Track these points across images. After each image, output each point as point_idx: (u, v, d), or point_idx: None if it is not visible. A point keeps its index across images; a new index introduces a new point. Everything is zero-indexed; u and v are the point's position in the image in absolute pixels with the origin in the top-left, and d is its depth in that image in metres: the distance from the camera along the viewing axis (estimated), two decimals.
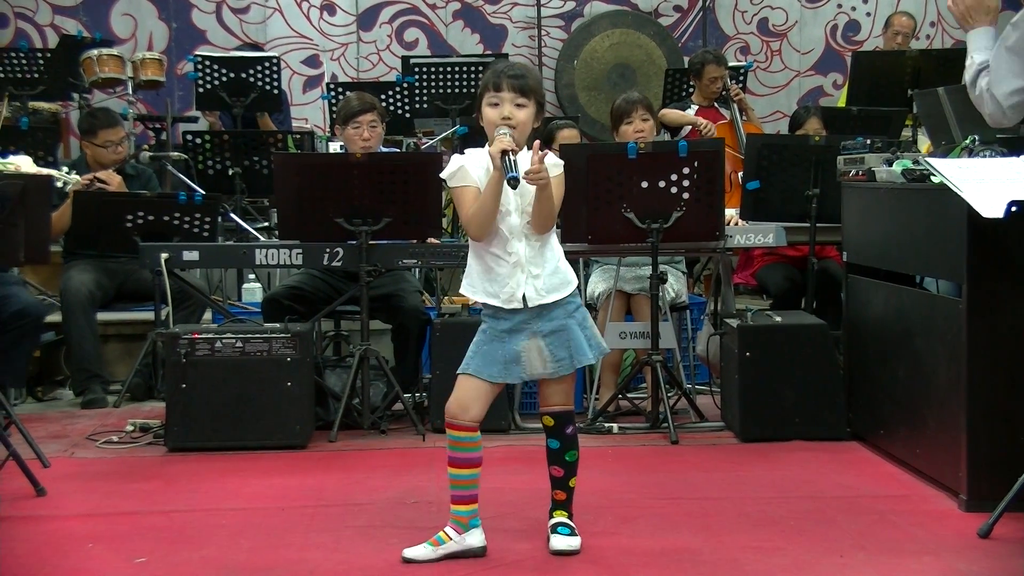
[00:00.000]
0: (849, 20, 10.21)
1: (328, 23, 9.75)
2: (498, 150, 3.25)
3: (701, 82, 7.34)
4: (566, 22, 9.94)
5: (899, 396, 4.38)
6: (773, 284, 6.12)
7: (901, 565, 3.36)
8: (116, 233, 5.69)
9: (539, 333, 3.39)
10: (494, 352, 3.40)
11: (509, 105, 3.36)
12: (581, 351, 3.43)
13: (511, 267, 3.37)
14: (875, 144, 4.75)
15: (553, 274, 3.41)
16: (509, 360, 3.39)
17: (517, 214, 3.37)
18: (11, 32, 9.40)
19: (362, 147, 5.35)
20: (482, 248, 3.41)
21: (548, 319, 3.40)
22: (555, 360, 3.40)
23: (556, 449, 3.48)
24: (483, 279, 3.42)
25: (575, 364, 3.43)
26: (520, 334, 3.39)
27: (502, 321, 3.40)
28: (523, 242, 3.37)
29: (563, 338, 3.41)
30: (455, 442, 3.40)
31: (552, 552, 3.43)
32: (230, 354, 4.78)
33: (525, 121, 3.38)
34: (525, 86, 3.37)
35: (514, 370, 3.40)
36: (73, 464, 4.63)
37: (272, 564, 3.40)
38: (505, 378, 3.41)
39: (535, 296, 3.37)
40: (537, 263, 3.38)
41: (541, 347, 3.40)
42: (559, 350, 3.40)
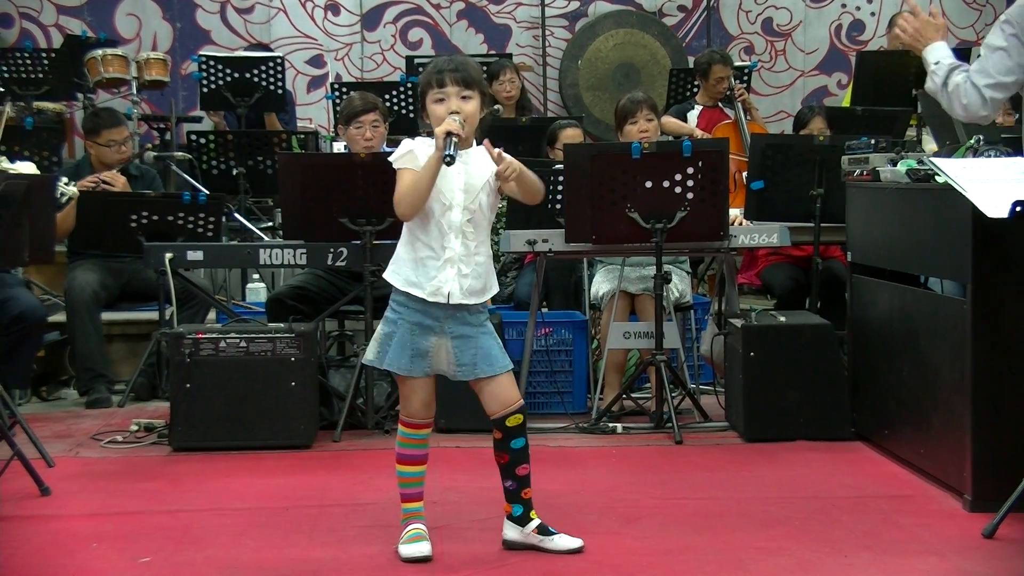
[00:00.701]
0: (853, 20, 10.20)
1: (332, 23, 9.75)
2: (444, 130, 3.27)
3: (707, 82, 7.33)
4: (570, 22, 9.94)
5: (904, 396, 4.37)
6: (777, 284, 6.11)
7: (906, 565, 3.35)
8: (120, 233, 5.69)
9: (449, 334, 3.40)
10: (404, 343, 3.39)
11: (455, 99, 3.37)
12: (489, 359, 3.41)
13: (443, 262, 3.37)
14: (879, 144, 4.75)
15: (479, 278, 3.41)
16: (416, 354, 3.39)
17: (459, 210, 3.37)
18: (16, 32, 9.41)
19: (364, 147, 5.35)
20: (416, 238, 3.41)
21: (461, 323, 3.40)
22: (458, 364, 3.40)
23: (523, 447, 3.44)
24: (410, 268, 3.41)
25: (478, 372, 3.40)
26: (430, 331, 3.39)
27: (414, 312, 3.39)
28: (459, 239, 3.38)
29: (471, 344, 3.40)
30: (400, 438, 3.48)
31: (563, 552, 3.42)
32: (234, 354, 4.78)
33: (473, 113, 3.39)
34: (468, 78, 3.39)
35: (420, 364, 3.40)
36: (77, 464, 4.64)
37: (276, 564, 3.40)
38: (411, 371, 3.40)
39: (459, 294, 3.37)
40: (468, 262, 3.38)
41: (448, 348, 3.40)
42: (464, 355, 3.40)
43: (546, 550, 3.44)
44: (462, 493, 4.03)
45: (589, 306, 5.68)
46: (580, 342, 5.47)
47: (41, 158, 6.37)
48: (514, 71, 7.75)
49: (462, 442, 4.67)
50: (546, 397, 5.42)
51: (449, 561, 3.40)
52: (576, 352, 5.46)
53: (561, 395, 5.38)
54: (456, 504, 3.93)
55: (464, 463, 4.43)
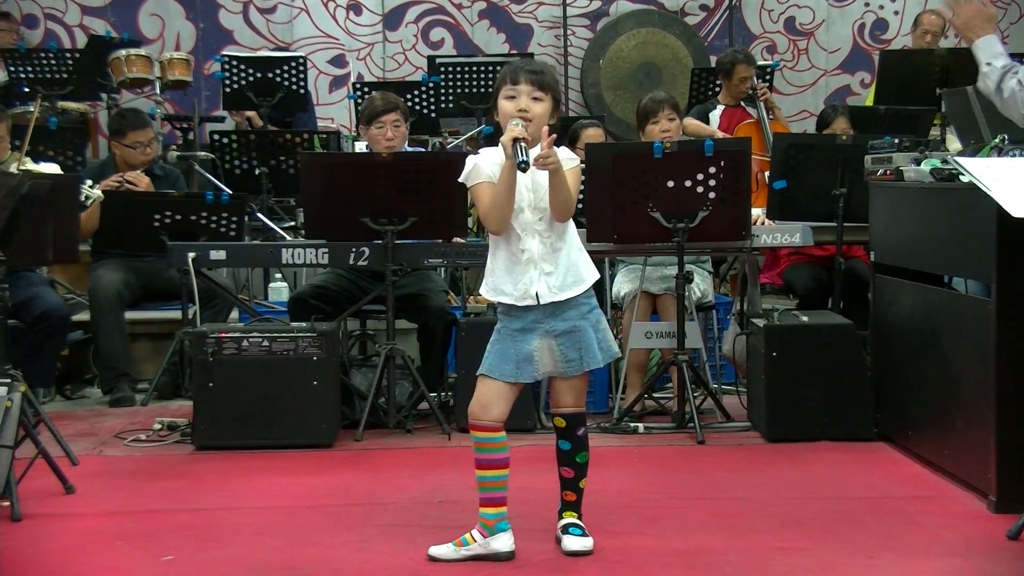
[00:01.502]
0: (877, 19, 10.16)
1: (354, 23, 9.78)
2: (510, 138, 3.25)
3: (730, 82, 7.31)
4: (592, 21, 9.93)
5: (927, 396, 4.35)
6: (800, 284, 6.09)
7: (929, 567, 3.33)
8: (144, 232, 5.72)
9: (551, 333, 3.38)
10: (507, 351, 3.39)
11: (526, 98, 3.36)
12: (591, 353, 3.40)
13: (524, 264, 3.36)
14: (903, 143, 4.73)
15: (567, 271, 3.39)
16: (521, 359, 3.38)
17: (529, 210, 3.36)
18: (41, 33, 9.47)
19: (385, 147, 5.36)
20: (497, 246, 3.41)
21: (561, 319, 3.38)
22: (566, 360, 3.39)
23: (567, 451, 3.47)
24: (498, 277, 3.41)
25: (584, 366, 3.41)
26: (532, 333, 3.38)
27: (515, 320, 3.40)
28: (535, 239, 3.36)
29: (575, 339, 3.39)
30: (479, 443, 3.41)
31: (566, 553, 3.42)
32: (257, 353, 4.80)
33: (541, 115, 3.37)
34: (543, 81, 3.38)
35: (526, 369, 3.39)
36: (101, 462, 4.67)
37: (298, 563, 3.41)
38: (518, 377, 3.39)
39: (547, 293, 3.36)
40: (550, 260, 3.37)
41: (553, 347, 3.39)
42: (570, 351, 3.39)
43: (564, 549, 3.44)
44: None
45: (611, 306, 5.68)
46: None
47: (65, 158, 6.41)
48: None
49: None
50: None
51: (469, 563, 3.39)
52: None
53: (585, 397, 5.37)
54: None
55: None
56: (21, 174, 4.54)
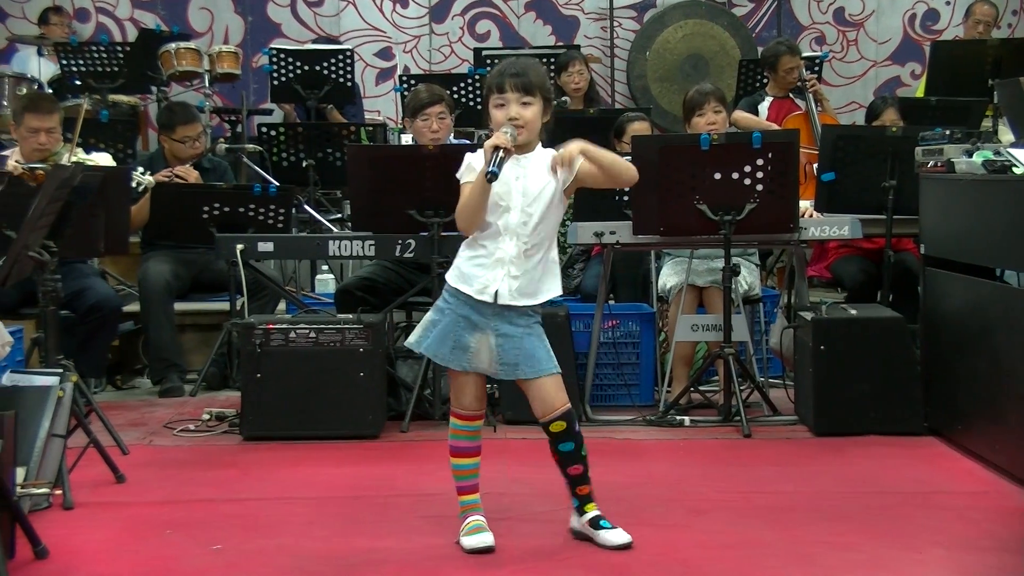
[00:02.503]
0: (928, 9, 10.03)
1: (401, 15, 9.80)
2: (490, 145, 3.24)
3: (776, 74, 7.25)
4: (638, 13, 9.89)
5: (978, 390, 4.30)
6: (848, 277, 6.04)
7: (979, 562, 3.30)
8: (193, 224, 5.77)
9: (495, 331, 3.38)
10: (447, 333, 3.39)
11: (515, 105, 3.35)
12: (533, 361, 3.37)
13: (493, 261, 3.36)
14: (954, 135, 4.67)
15: (532, 281, 3.38)
16: (457, 346, 3.39)
17: (517, 212, 3.35)
18: (92, 26, 9.57)
19: (431, 139, 5.37)
20: (476, 237, 3.41)
21: (507, 321, 3.38)
22: (500, 362, 3.38)
23: (572, 450, 3.42)
24: (464, 265, 3.41)
25: (519, 373, 3.37)
26: (476, 326, 3.38)
27: (464, 306, 3.39)
28: (513, 241, 3.35)
29: (515, 344, 3.37)
30: (451, 429, 3.48)
31: (609, 547, 3.39)
32: (304, 344, 4.83)
33: (532, 119, 3.36)
34: (528, 83, 3.36)
35: (460, 357, 3.39)
36: (151, 452, 4.72)
37: (344, 553, 3.43)
38: (449, 362, 3.40)
39: (507, 295, 3.35)
40: (520, 265, 3.36)
41: (492, 346, 3.38)
42: (508, 354, 3.38)
43: (595, 543, 3.43)
44: (527, 485, 4.03)
45: (657, 298, 5.66)
46: (647, 335, 5.45)
47: (116, 151, 6.48)
48: (582, 63, 7.73)
49: (528, 434, 4.66)
50: (613, 390, 5.42)
51: (513, 552, 3.40)
52: (643, 345, 5.44)
53: (628, 388, 5.38)
54: (521, 496, 3.93)
55: (530, 455, 4.41)
56: (74, 166, 4.59)
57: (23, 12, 9.46)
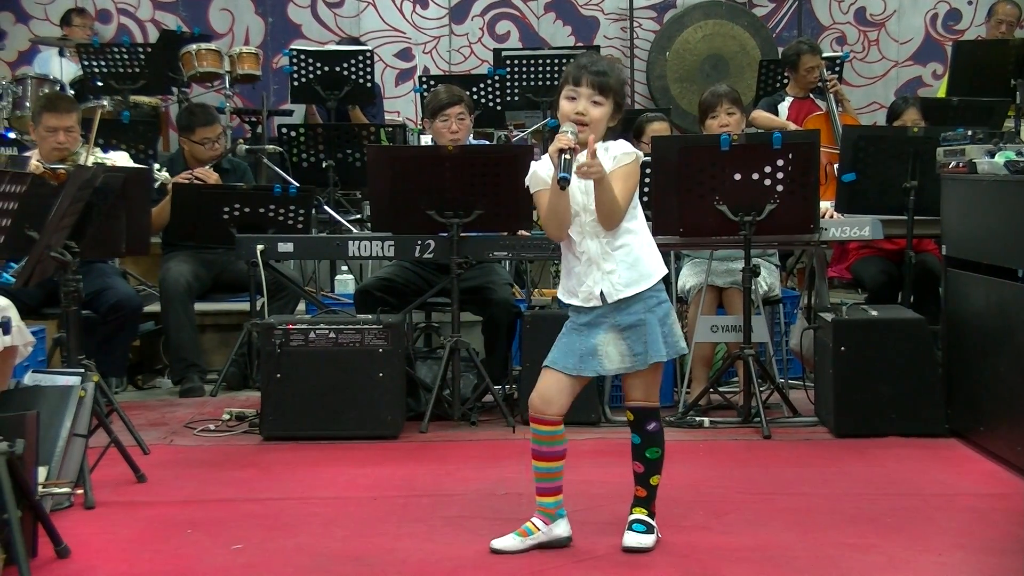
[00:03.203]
0: (950, 9, 9.98)
1: (421, 16, 9.81)
2: (555, 148, 3.20)
3: (797, 73, 7.22)
4: (658, 13, 9.88)
5: (1000, 392, 4.28)
6: (869, 278, 6.02)
7: (1001, 565, 3.28)
8: (213, 225, 5.79)
9: (617, 327, 3.36)
10: (572, 344, 3.38)
11: (585, 101, 3.31)
12: (655, 347, 3.36)
13: (585, 265, 3.36)
14: (976, 135, 4.64)
15: (631, 268, 3.36)
16: (585, 353, 3.37)
17: (584, 213, 3.34)
18: (114, 27, 9.62)
19: (450, 140, 5.37)
20: (564, 248, 3.42)
21: (627, 313, 3.36)
22: (632, 355, 3.37)
23: (637, 445, 3.45)
24: (566, 279, 3.44)
25: (648, 359, 3.37)
26: (598, 328, 3.37)
27: (581, 315, 3.40)
28: (594, 240, 3.35)
29: (641, 332, 3.36)
30: (539, 436, 3.40)
31: (623, 549, 3.40)
32: (323, 345, 4.84)
33: (599, 119, 3.32)
34: (605, 84, 3.31)
35: (590, 363, 3.37)
36: (172, 451, 4.74)
37: (364, 553, 3.44)
38: (581, 371, 3.37)
39: (612, 291, 3.34)
40: (610, 259, 3.35)
41: (619, 341, 3.37)
42: (636, 344, 3.36)
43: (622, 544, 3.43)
44: None
45: (676, 299, 5.65)
46: None
47: (137, 151, 6.50)
48: None
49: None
50: None
51: (533, 552, 3.39)
52: None
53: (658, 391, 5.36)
54: None
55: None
56: (95, 167, 4.61)
57: (45, 14, 9.51)
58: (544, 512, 3.42)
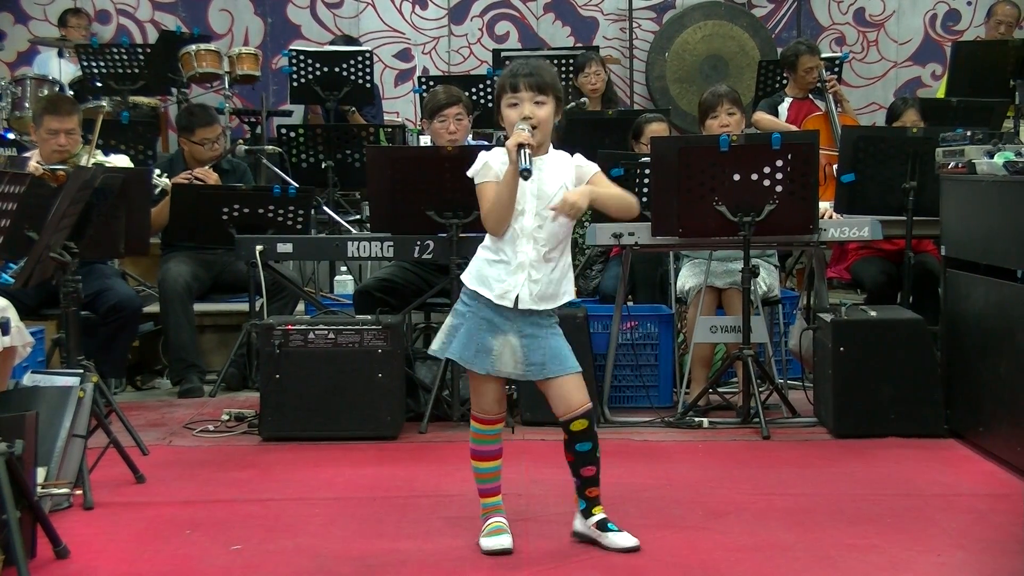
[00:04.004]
0: (949, 9, 9.98)
1: (420, 17, 9.81)
2: (514, 143, 3.25)
3: (796, 74, 7.22)
4: (658, 14, 9.88)
5: (1000, 393, 4.28)
6: (868, 278, 6.02)
7: (1001, 565, 3.28)
8: (212, 226, 5.79)
9: (519, 333, 3.37)
10: (471, 335, 3.38)
11: (528, 104, 3.35)
12: (559, 360, 3.37)
13: (514, 266, 3.35)
14: (975, 136, 4.65)
15: (552, 283, 3.38)
16: (480, 349, 3.37)
17: (531, 215, 3.35)
18: (113, 28, 9.62)
19: (448, 140, 5.38)
20: (492, 241, 3.40)
21: (531, 323, 3.38)
22: (527, 363, 3.37)
23: (588, 450, 3.43)
24: (484, 269, 3.40)
25: (546, 372, 3.37)
26: (498, 329, 3.37)
27: (486, 308, 3.38)
28: (531, 244, 3.35)
29: (541, 344, 3.37)
30: (472, 433, 3.48)
31: (616, 550, 3.39)
32: (323, 345, 4.84)
33: (545, 119, 3.36)
34: (542, 83, 3.36)
35: (483, 360, 3.37)
36: (171, 452, 4.73)
37: (364, 553, 3.44)
38: (473, 365, 3.38)
39: (527, 300, 3.35)
40: (540, 268, 3.35)
41: (516, 347, 3.37)
42: (534, 354, 3.37)
43: (602, 545, 3.42)
44: (546, 486, 4.03)
45: (675, 300, 5.65)
46: (666, 336, 5.45)
47: (136, 152, 6.51)
48: (600, 64, 7.71)
49: (546, 435, 4.67)
50: (631, 391, 5.41)
51: (532, 553, 3.40)
52: (662, 346, 5.43)
53: (647, 389, 5.37)
54: (539, 497, 3.94)
55: (548, 456, 4.42)
56: (95, 168, 4.61)
57: (44, 14, 9.51)
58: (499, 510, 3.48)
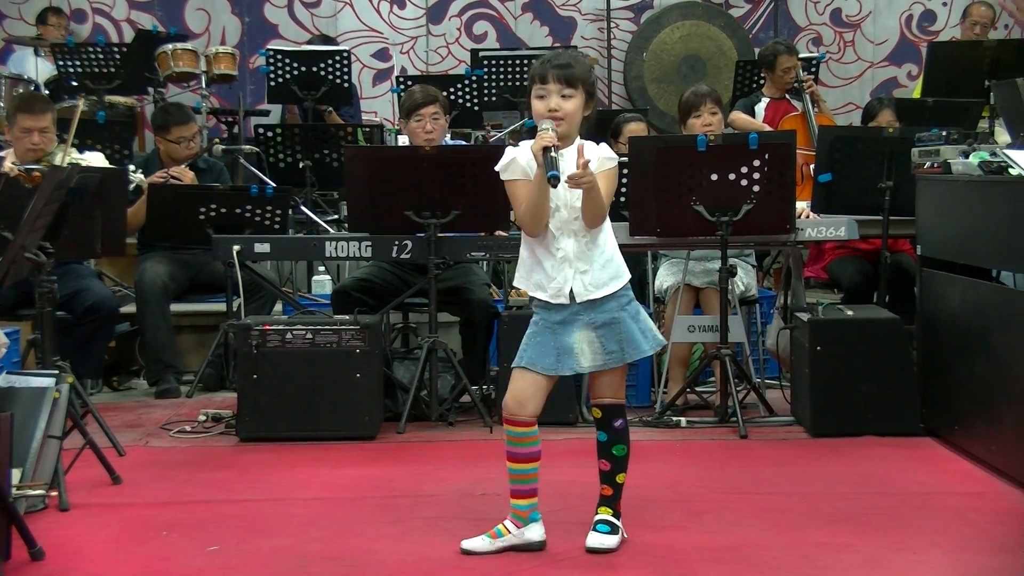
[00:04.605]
0: (925, 10, 10.04)
1: (398, 16, 9.80)
2: (539, 147, 3.21)
3: (774, 74, 7.25)
4: (635, 14, 9.89)
5: (975, 392, 4.30)
6: (845, 278, 6.04)
7: (977, 563, 3.30)
8: (189, 226, 5.76)
9: (591, 325, 3.36)
10: (547, 343, 3.37)
11: (556, 97, 3.32)
12: (634, 344, 3.38)
13: (559, 262, 3.35)
14: (951, 136, 4.67)
15: (603, 268, 3.37)
16: (562, 352, 3.36)
17: (566, 210, 3.34)
18: (89, 27, 9.57)
19: (425, 140, 5.37)
20: (533, 241, 3.39)
21: (600, 311, 3.37)
22: (606, 352, 3.37)
23: (604, 442, 3.45)
24: (533, 271, 3.40)
25: (626, 357, 3.38)
26: (572, 326, 3.36)
27: (554, 313, 3.38)
28: (571, 238, 3.34)
29: (615, 330, 3.37)
30: (514, 437, 3.38)
31: (586, 550, 3.39)
32: (300, 345, 4.82)
33: (573, 112, 3.32)
34: (571, 76, 3.32)
35: (567, 362, 3.36)
36: (148, 453, 4.71)
37: (342, 554, 3.43)
38: (558, 370, 3.37)
39: (583, 291, 3.34)
40: (585, 258, 3.35)
41: (593, 339, 3.36)
42: (610, 342, 3.36)
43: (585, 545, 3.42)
44: None
45: (653, 299, 5.66)
46: None
47: (113, 151, 6.47)
48: None
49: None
50: None
51: (509, 552, 3.39)
52: None
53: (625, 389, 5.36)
54: None
55: None
56: (70, 167, 4.58)
57: (20, 13, 9.45)
58: (517, 515, 3.41)
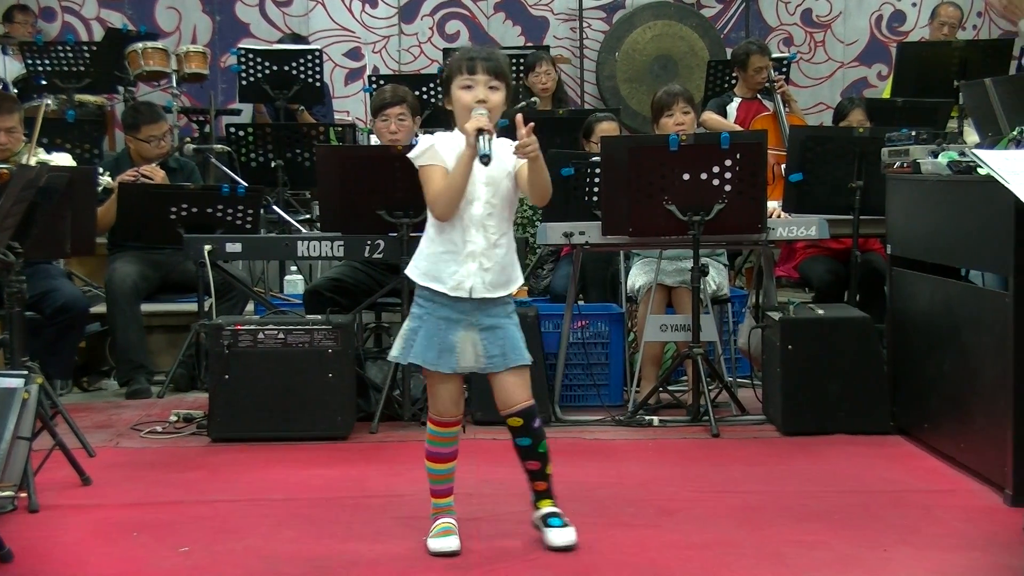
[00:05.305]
0: (895, 10, 10.11)
1: (370, 15, 9.78)
2: (474, 127, 3.24)
3: (746, 73, 7.28)
4: (608, 14, 9.92)
5: (945, 390, 4.33)
6: (816, 277, 6.08)
7: (946, 560, 3.33)
8: (160, 225, 5.73)
9: (476, 326, 3.37)
10: (431, 337, 3.37)
11: (483, 88, 3.35)
12: (516, 351, 3.39)
13: (465, 256, 3.35)
14: (920, 135, 4.70)
15: (503, 271, 3.38)
16: (443, 349, 3.37)
17: (480, 203, 3.34)
18: (58, 26, 9.50)
19: (390, 140, 5.38)
20: (437, 233, 3.39)
21: (487, 314, 3.38)
22: (488, 356, 3.37)
23: (528, 446, 3.44)
24: (432, 263, 3.39)
25: (508, 362, 3.38)
26: (457, 324, 3.37)
27: (440, 307, 3.37)
28: (482, 233, 3.35)
29: (498, 335, 3.38)
30: (441, 438, 3.46)
31: (551, 548, 3.39)
32: (272, 345, 4.81)
33: (498, 104, 3.36)
34: (498, 69, 3.36)
35: (447, 359, 3.37)
36: (118, 454, 4.68)
37: (314, 555, 3.42)
38: (437, 366, 3.37)
39: (481, 288, 3.35)
40: (490, 256, 3.35)
41: (476, 341, 3.37)
42: (492, 347, 3.37)
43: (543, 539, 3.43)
44: (497, 485, 4.02)
45: (626, 299, 5.67)
46: (616, 335, 5.46)
47: (83, 151, 6.42)
48: (550, 63, 7.74)
49: (498, 434, 4.64)
50: (582, 390, 5.42)
51: (482, 553, 3.40)
52: (612, 345, 5.45)
53: (597, 388, 5.38)
54: (491, 496, 3.93)
55: (500, 455, 4.39)
56: (39, 167, 4.55)
57: None
58: (447, 511, 3.47)
